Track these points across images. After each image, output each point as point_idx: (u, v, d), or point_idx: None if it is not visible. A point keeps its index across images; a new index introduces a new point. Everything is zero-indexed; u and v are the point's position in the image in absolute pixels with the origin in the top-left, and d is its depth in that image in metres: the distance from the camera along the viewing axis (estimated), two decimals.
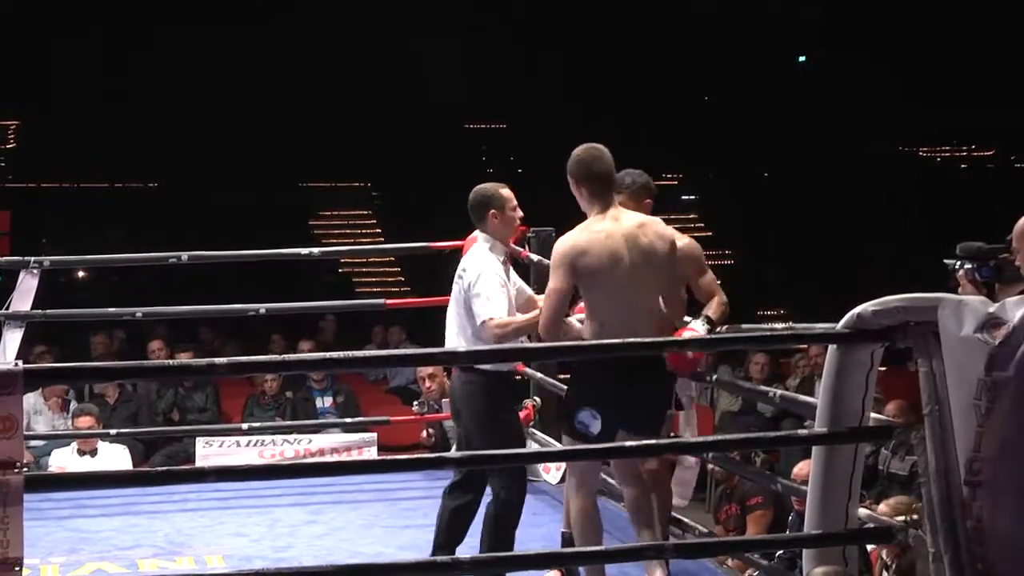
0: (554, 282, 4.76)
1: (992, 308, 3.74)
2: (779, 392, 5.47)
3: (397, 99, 19.97)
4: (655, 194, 5.42)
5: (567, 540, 5.40)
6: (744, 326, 5.34)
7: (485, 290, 5.05)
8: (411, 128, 19.88)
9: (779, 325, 5.40)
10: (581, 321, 4.91)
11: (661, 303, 4.85)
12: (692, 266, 5.12)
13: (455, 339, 5.19)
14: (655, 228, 4.86)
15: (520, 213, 5.29)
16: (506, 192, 5.26)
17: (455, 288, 5.22)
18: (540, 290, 5.53)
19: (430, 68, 19.72)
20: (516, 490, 5.11)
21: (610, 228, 4.76)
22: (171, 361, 4.97)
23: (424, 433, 7.77)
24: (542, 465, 6.98)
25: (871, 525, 4.30)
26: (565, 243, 4.77)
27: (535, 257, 6.65)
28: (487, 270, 5.09)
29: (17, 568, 3.45)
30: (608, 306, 4.72)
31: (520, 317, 5.13)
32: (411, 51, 19.83)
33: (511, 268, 5.32)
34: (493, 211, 5.20)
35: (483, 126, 22.23)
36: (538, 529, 5.88)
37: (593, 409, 4.75)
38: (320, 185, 20.41)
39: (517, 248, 6.73)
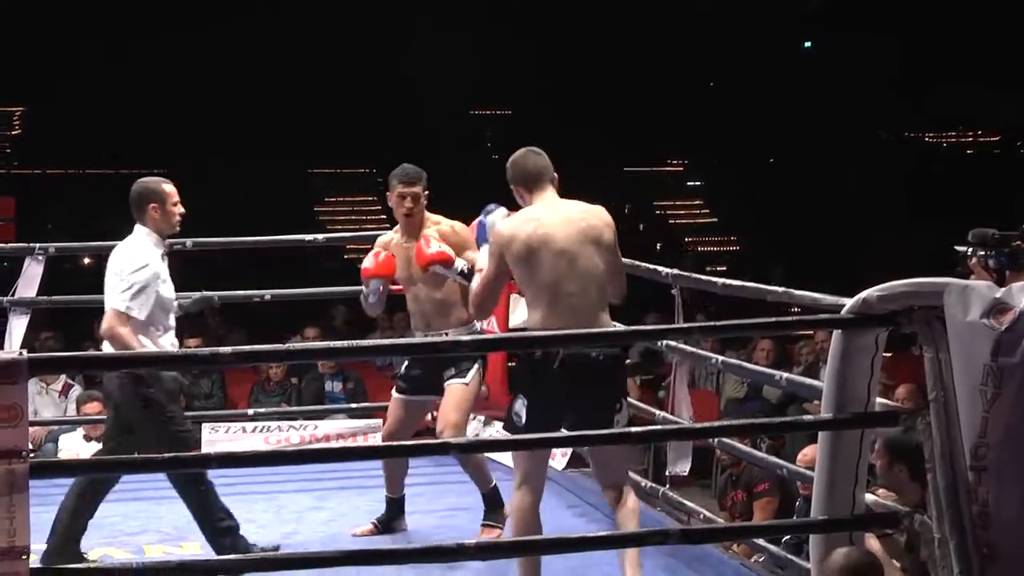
0: (486, 268, 4.72)
1: (998, 293, 3.74)
2: (785, 375, 5.45)
3: (402, 85, 19.95)
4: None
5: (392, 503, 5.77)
6: None
7: (127, 280, 5.12)
8: (417, 114, 19.87)
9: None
10: None
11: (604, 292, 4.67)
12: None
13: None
14: (597, 213, 4.70)
15: (181, 209, 5.36)
16: (169, 187, 5.35)
17: (109, 275, 5.24)
18: None
19: (436, 54, 19.70)
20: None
21: (542, 215, 4.63)
22: (176, 350, 4.98)
23: (429, 417, 7.77)
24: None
25: (878, 511, 4.30)
26: (498, 231, 4.69)
27: None
28: (137, 263, 5.15)
29: (24, 556, 3.46)
30: (540, 295, 4.58)
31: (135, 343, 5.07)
32: (417, 37, 19.81)
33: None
34: (154, 205, 5.30)
35: (488, 112, 22.21)
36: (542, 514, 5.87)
37: (525, 398, 4.61)
38: (325, 171, 20.41)
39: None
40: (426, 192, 5.74)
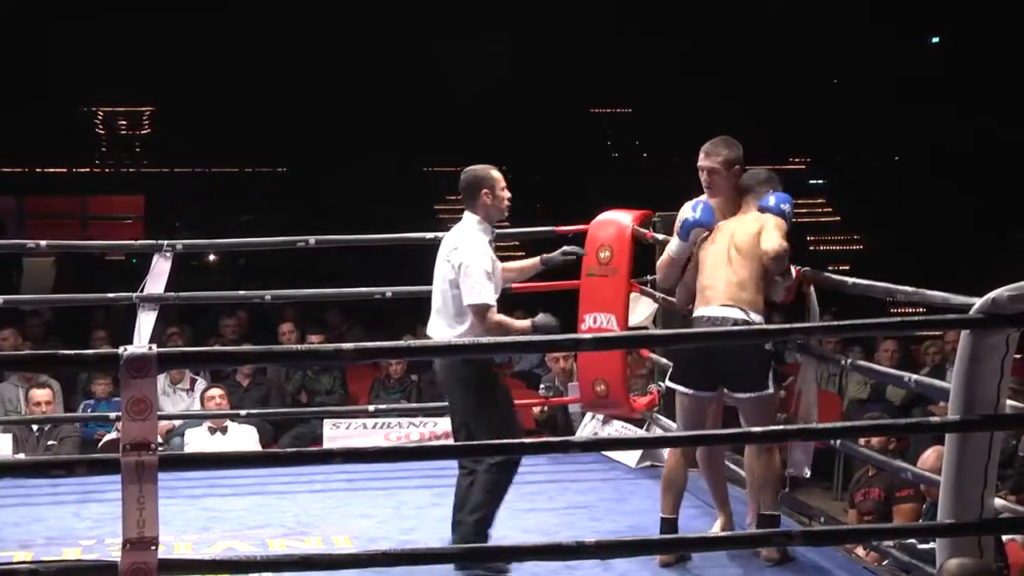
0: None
1: None
2: (913, 377, 5.35)
3: (522, 82, 19.97)
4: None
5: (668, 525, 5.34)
6: None
7: (478, 273, 5.17)
8: (536, 112, 19.87)
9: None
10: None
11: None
12: None
13: (441, 321, 5.25)
14: None
15: (508, 194, 5.44)
16: (497, 173, 5.43)
17: (444, 267, 5.32)
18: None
19: (553, 52, 19.69)
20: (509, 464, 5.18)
21: None
22: (298, 346, 5.04)
23: (537, 410, 7.83)
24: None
25: (1007, 515, 4.21)
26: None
27: (660, 237, 6.64)
28: (481, 252, 5.22)
29: (153, 547, 3.53)
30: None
31: (516, 323, 5.24)
32: (535, 36, 19.82)
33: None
34: (486, 191, 5.38)
35: (608, 111, 22.13)
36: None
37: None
38: (445, 169, 20.51)
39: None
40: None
